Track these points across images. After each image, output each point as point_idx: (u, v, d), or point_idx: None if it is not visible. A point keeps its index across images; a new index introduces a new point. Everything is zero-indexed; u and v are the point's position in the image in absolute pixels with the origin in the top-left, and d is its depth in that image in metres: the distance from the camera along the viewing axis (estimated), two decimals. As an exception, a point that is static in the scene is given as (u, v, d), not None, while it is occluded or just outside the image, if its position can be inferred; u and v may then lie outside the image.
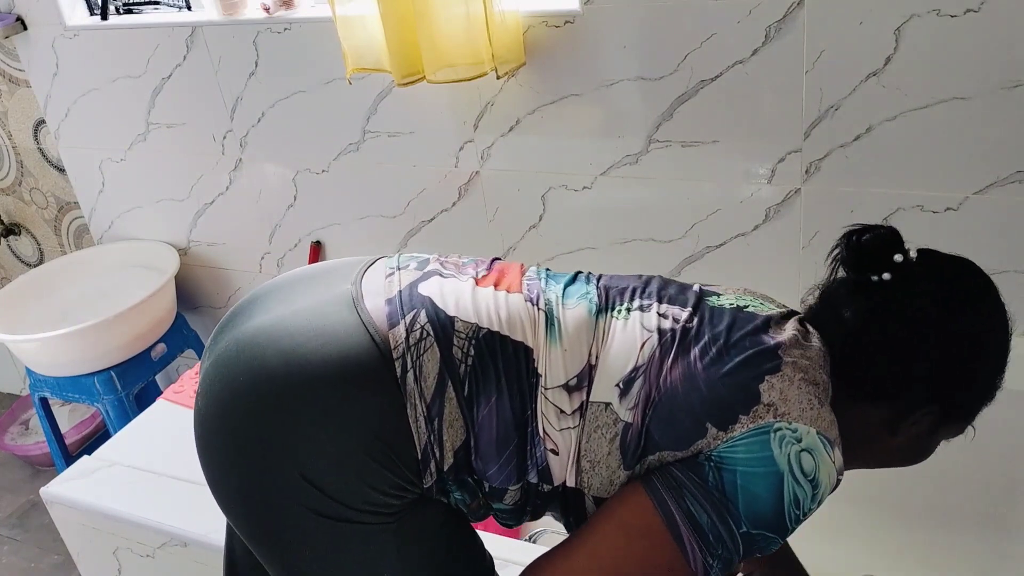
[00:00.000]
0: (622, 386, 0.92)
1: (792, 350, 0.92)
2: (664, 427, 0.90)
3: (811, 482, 0.86)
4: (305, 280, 1.02)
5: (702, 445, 0.88)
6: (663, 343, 0.93)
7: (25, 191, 2.57)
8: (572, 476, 0.93)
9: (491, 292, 0.98)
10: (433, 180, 1.97)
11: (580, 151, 1.78)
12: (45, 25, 2.18)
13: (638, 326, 0.96)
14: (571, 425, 0.92)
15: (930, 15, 1.40)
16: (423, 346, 0.92)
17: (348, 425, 0.89)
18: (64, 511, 1.65)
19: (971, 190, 1.51)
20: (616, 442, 0.91)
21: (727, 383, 0.89)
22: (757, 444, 0.86)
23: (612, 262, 1.87)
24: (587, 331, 0.95)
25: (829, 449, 0.87)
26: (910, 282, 0.93)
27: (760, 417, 0.87)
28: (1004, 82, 1.41)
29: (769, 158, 1.63)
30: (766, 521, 0.86)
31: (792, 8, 1.48)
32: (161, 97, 2.15)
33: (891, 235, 0.94)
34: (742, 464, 0.85)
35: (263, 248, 2.30)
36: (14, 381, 2.97)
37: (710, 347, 0.92)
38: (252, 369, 0.91)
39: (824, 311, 1.00)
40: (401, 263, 1.03)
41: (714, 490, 0.86)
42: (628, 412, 0.91)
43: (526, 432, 0.92)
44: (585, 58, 1.68)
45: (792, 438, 0.86)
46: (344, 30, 1.71)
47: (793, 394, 0.88)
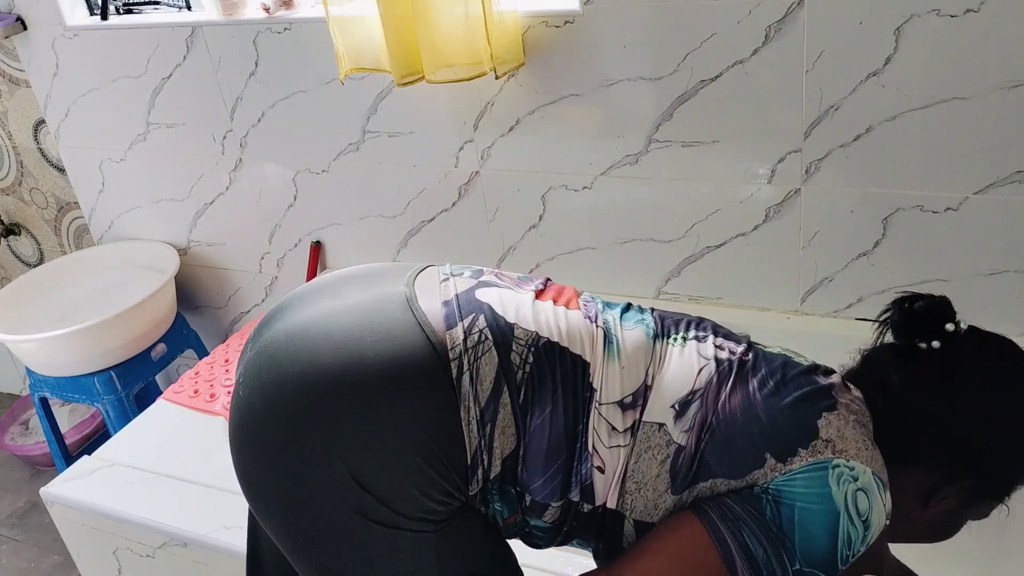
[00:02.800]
0: (678, 408, 0.92)
1: (844, 393, 0.93)
2: (721, 453, 0.89)
3: (864, 523, 0.86)
4: (353, 280, 1.00)
5: (758, 476, 0.87)
6: (720, 371, 0.94)
7: (25, 191, 2.57)
8: (615, 497, 0.92)
9: (551, 306, 0.97)
10: (433, 180, 1.97)
11: (580, 151, 1.78)
12: (45, 25, 2.18)
13: (695, 354, 0.96)
14: (621, 443, 0.91)
15: (930, 15, 1.40)
16: (481, 349, 0.90)
17: (401, 425, 0.87)
18: (64, 511, 1.65)
19: (971, 190, 1.51)
20: (667, 464, 0.90)
21: (787, 415, 0.89)
22: (816, 479, 0.85)
23: (612, 262, 1.87)
24: (645, 352, 0.95)
25: (882, 491, 0.88)
26: (957, 352, 0.93)
27: (819, 452, 0.87)
28: (1004, 82, 1.41)
29: (769, 158, 1.63)
30: (819, 559, 0.85)
31: (792, 8, 1.48)
32: (161, 97, 2.15)
33: (943, 304, 0.95)
34: (800, 499, 0.85)
35: (263, 248, 2.30)
36: (14, 381, 2.97)
37: (768, 380, 0.93)
38: (303, 361, 0.88)
39: (867, 372, 1.00)
40: (454, 271, 1.02)
41: (772, 525, 0.85)
42: (682, 435, 0.90)
43: (575, 447, 0.91)
44: (585, 58, 1.68)
45: (849, 476, 0.86)
46: (341, 30, 1.71)
47: (849, 432, 0.88)
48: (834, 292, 1.71)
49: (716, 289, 1.82)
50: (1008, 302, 1.59)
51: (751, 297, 1.79)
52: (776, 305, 1.78)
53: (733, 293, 1.81)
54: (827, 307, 1.73)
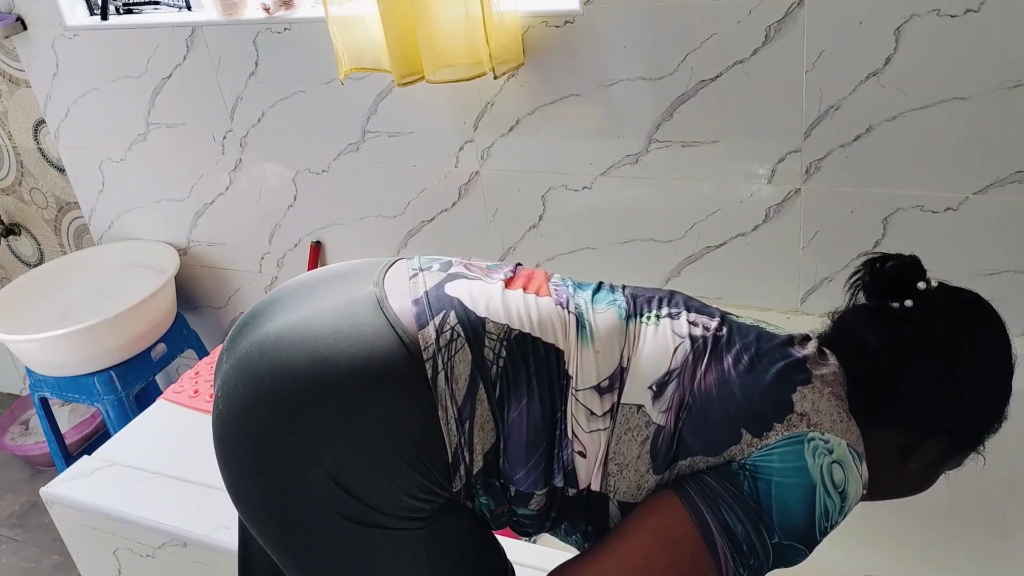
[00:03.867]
0: (655, 388, 0.92)
1: (819, 364, 0.94)
2: (698, 431, 0.90)
3: (840, 494, 0.87)
4: (324, 282, 1.00)
5: (735, 452, 0.88)
6: (696, 348, 0.94)
7: (25, 191, 2.57)
8: (598, 480, 0.92)
9: (520, 295, 0.97)
10: (433, 180, 1.97)
11: (580, 151, 1.78)
12: (45, 25, 2.18)
13: (669, 332, 0.96)
14: (601, 427, 0.91)
15: (930, 15, 1.40)
16: (455, 347, 0.90)
17: (379, 428, 0.87)
18: (64, 511, 1.65)
19: (971, 190, 1.51)
20: (647, 445, 0.91)
21: (762, 390, 0.90)
22: (792, 453, 0.86)
23: (612, 262, 1.87)
24: (618, 334, 0.95)
25: (857, 462, 0.88)
26: (930, 311, 0.94)
27: (794, 426, 0.87)
28: (1004, 82, 1.41)
29: (769, 158, 1.63)
30: (798, 532, 0.86)
31: (792, 8, 1.48)
32: (161, 97, 2.15)
33: (914, 263, 0.95)
34: (777, 474, 0.86)
35: (263, 248, 2.30)
36: (14, 381, 2.97)
37: (742, 355, 0.93)
38: (277, 371, 0.89)
39: (840, 336, 1.00)
40: (423, 264, 1.02)
41: (749, 499, 0.86)
42: (661, 415, 0.91)
43: (554, 435, 0.91)
44: (585, 58, 1.68)
45: (824, 449, 0.87)
46: (341, 30, 1.71)
47: (824, 405, 0.89)
48: (834, 292, 1.71)
49: (716, 289, 1.82)
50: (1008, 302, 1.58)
51: (751, 297, 1.79)
52: (776, 305, 1.78)
53: (733, 293, 1.81)
54: (827, 307, 1.71)
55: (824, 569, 1.75)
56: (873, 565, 1.72)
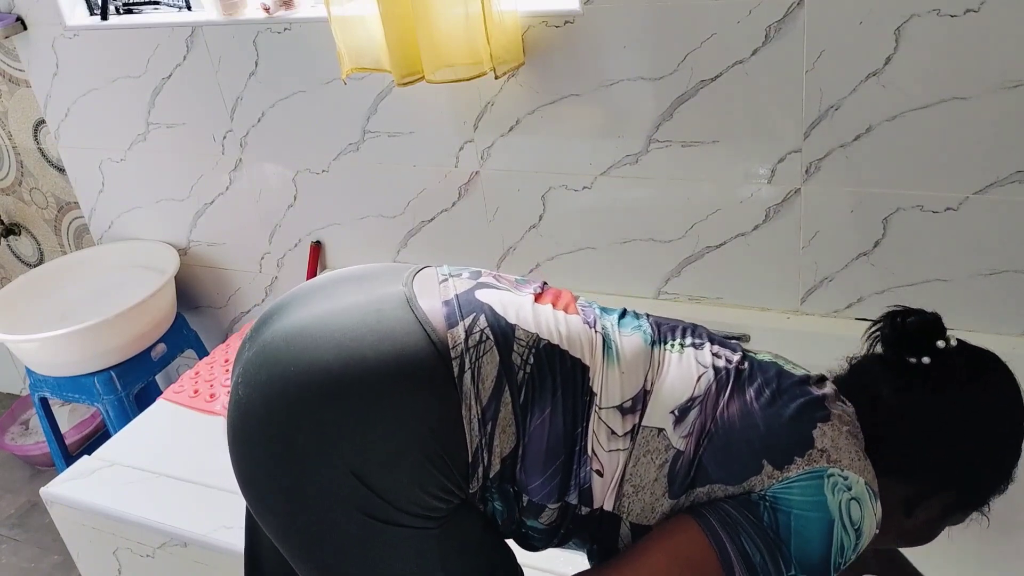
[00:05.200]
0: (677, 413, 0.93)
1: (835, 404, 0.95)
2: (719, 459, 0.90)
3: (856, 531, 0.87)
4: (350, 280, 1.00)
5: (755, 482, 0.89)
6: (719, 378, 0.95)
7: (25, 191, 2.57)
8: (612, 500, 0.92)
9: (550, 309, 0.98)
10: (433, 180, 1.97)
11: (580, 151, 1.78)
12: (45, 25, 2.18)
13: (693, 360, 0.97)
14: (621, 447, 0.92)
15: (930, 15, 1.40)
16: (483, 348, 0.91)
17: (403, 423, 0.87)
18: (64, 511, 1.65)
19: (971, 190, 1.51)
20: (665, 469, 0.91)
21: (784, 424, 0.91)
22: (812, 488, 0.87)
23: (612, 262, 1.87)
24: (643, 358, 0.96)
25: (873, 500, 0.89)
26: (947, 370, 0.95)
27: (815, 461, 0.88)
28: (1004, 82, 1.41)
29: (769, 158, 1.63)
30: (813, 565, 0.87)
31: (792, 8, 1.48)
32: (161, 97, 2.15)
33: (935, 321, 0.96)
34: (797, 507, 0.87)
35: (263, 248, 2.30)
36: (14, 381, 2.97)
37: (764, 389, 0.94)
38: (303, 360, 0.88)
39: (855, 383, 1.01)
40: (452, 272, 1.02)
41: (769, 530, 0.86)
42: (681, 440, 0.91)
43: (574, 449, 0.92)
44: (585, 58, 1.68)
45: (844, 485, 0.87)
46: (342, 30, 1.71)
47: (843, 443, 0.90)
48: (834, 292, 1.71)
49: (716, 289, 1.82)
50: (1008, 302, 1.59)
51: (751, 297, 1.79)
52: (776, 305, 1.78)
53: (733, 293, 1.81)
54: (827, 307, 1.73)
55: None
56: (873, 565, 1.71)
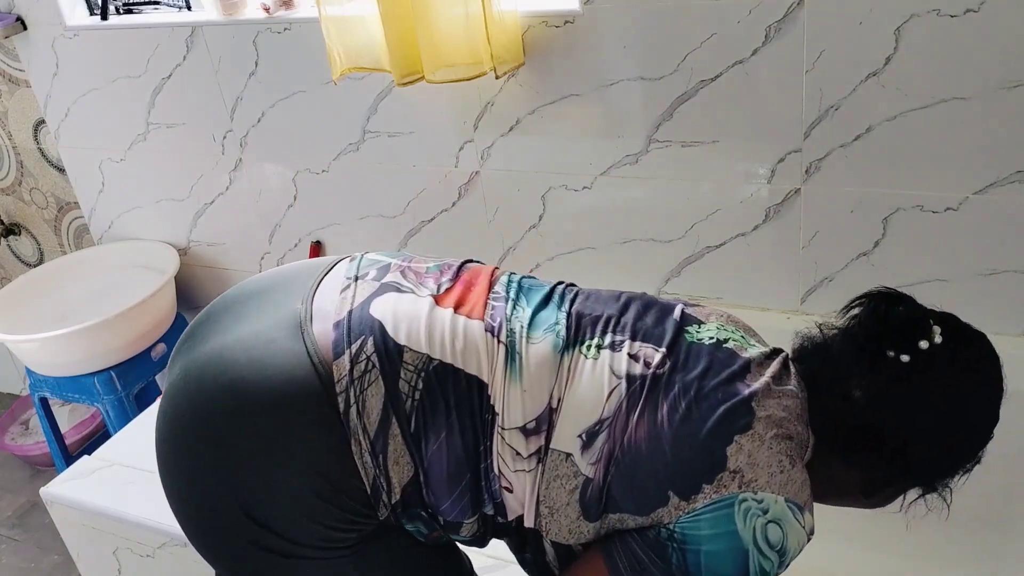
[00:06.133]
0: (585, 438, 0.89)
1: (766, 401, 0.88)
2: (626, 489, 0.87)
3: (778, 552, 0.84)
4: (257, 296, 0.98)
5: (663, 514, 0.86)
6: (631, 393, 0.89)
7: (25, 191, 2.57)
8: (531, 517, 0.91)
9: (449, 316, 0.92)
10: (433, 180, 1.97)
11: (580, 151, 1.78)
12: (45, 25, 2.18)
13: (607, 370, 0.91)
14: (526, 468, 0.89)
15: (930, 15, 1.40)
16: (367, 379, 0.88)
17: (292, 462, 0.87)
18: (64, 511, 1.65)
19: (971, 190, 1.51)
20: (576, 495, 0.88)
21: (694, 445, 0.85)
22: (721, 519, 0.83)
23: (612, 262, 1.87)
24: (550, 371, 0.90)
25: (798, 515, 0.85)
26: (928, 370, 0.87)
27: (724, 487, 0.84)
28: (1004, 82, 1.41)
29: (769, 158, 1.63)
30: None
31: (792, 8, 1.48)
32: (161, 97, 2.15)
33: (921, 319, 0.88)
34: (706, 542, 0.83)
35: (263, 248, 2.30)
36: (14, 381, 2.97)
37: (680, 401, 0.88)
38: (197, 405, 0.90)
39: (822, 364, 0.94)
40: (361, 270, 0.98)
41: (677, 573, 0.84)
42: (590, 467, 0.88)
43: (479, 467, 0.89)
44: (585, 58, 1.68)
45: (758, 510, 0.83)
46: (339, 30, 1.71)
47: (763, 457, 0.85)
48: (834, 292, 1.71)
49: (716, 289, 1.82)
50: (1008, 302, 1.59)
51: (751, 297, 1.79)
52: (776, 305, 1.78)
53: (733, 293, 1.81)
54: (827, 307, 1.73)
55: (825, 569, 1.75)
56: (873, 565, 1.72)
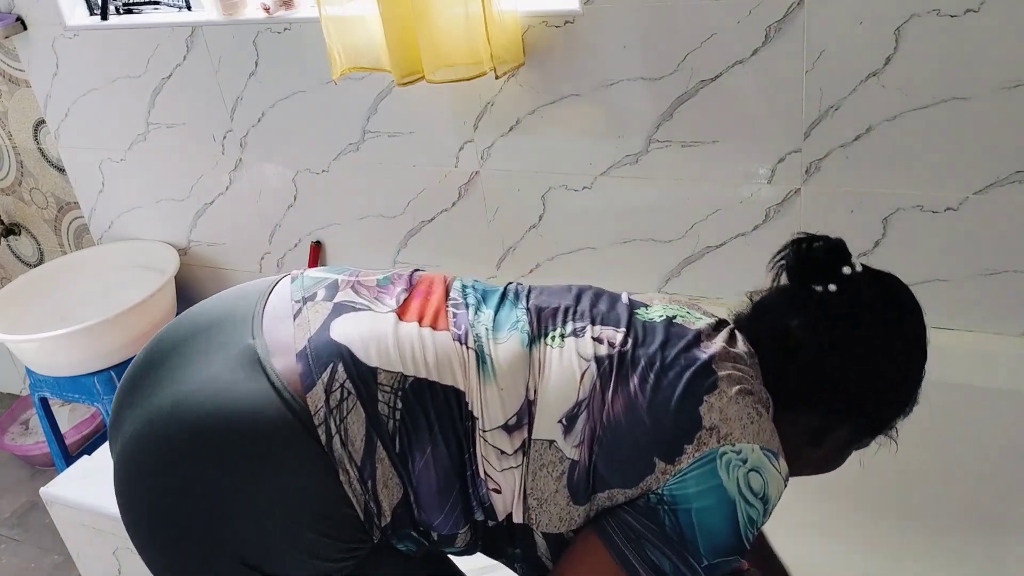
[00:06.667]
0: (565, 422, 0.89)
1: (724, 363, 0.91)
2: (612, 465, 0.88)
3: (762, 499, 0.86)
4: (201, 334, 0.94)
5: (651, 481, 0.87)
6: (602, 372, 0.91)
7: (25, 191, 2.57)
8: (519, 512, 0.91)
9: (415, 331, 0.92)
10: (433, 180, 1.97)
11: (580, 151, 1.78)
12: (45, 25, 2.18)
13: (575, 355, 0.92)
14: (513, 465, 0.89)
15: (930, 15, 1.40)
16: (346, 407, 0.86)
17: (281, 503, 0.85)
18: (64, 511, 1.65)
19: (971, 190, 1.51)
20: (563, 480, 0.89)
21: (670, 412, 0.88)
22: (706, 474, 0.85)
23: (612, 262, 1.87)
24: (522, 366, 0.91)
25: (774, 461, 0.88)
26: (854, 298, 0.92)
27: (704, 444, 0.86)
28: (1004, 82, 1.41)
29: (769, 158, 1.63)
30: (725, 548, 0.86)
31: (792, 8, 1.48)
32: (161, 97, 2.15)
33: (840, 246, 0.93)
34: (694, 499, 0.85)
35: (263, 248, 2.30)
36: (14, 381, 2.96)
37: (648, 373, 0.90)
38: (165, 463, 0.86)
39: (760, 319, 0.99)
40: (307, 290, 0.96)
41: (672, 534, 0.85)
42: (574, 450, 0.89)
43: (466, 476, 0.89)
44: (585, 58, 1.68)
45: (738, 460, 0.86)
46: (339, 30, 1.71)
47: (733, 411, 0.87)
48: (834, 292, 1.71)
49: (716, 289, 1.82)
50: (1008, 302, 1.59)
51: (751, 297, 1.79)
52: (776, 305, 1.78)
53: (733, 293, 1.80)
54: (827, 307, 1.73)
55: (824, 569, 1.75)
56: (873, 565, 1.72)
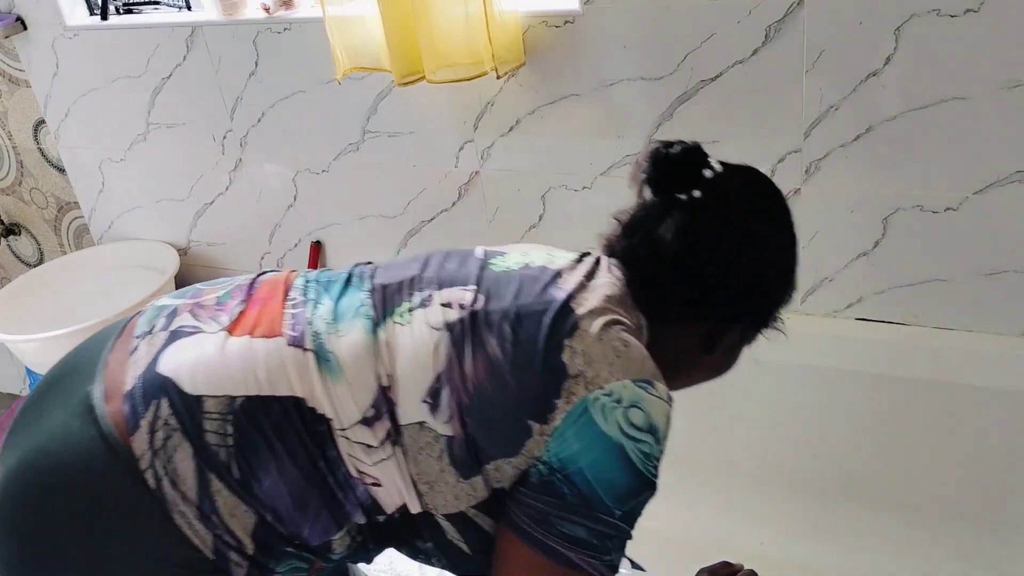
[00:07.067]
0: (430, 400, 0.84)
1: (583, 297, 0.88)
2: (487, 434, 0.84)
3: (649, 431, 0.82)
4: (53, 386, 0.92)
5: (531, 445, 0.83)
6: (455, 339, 0.86)
7: (25, 191, 2.57)
8: (414, 501, 0.87)
9: (246, 344, 0.87)
10: (433, 180, 1.97)
11: (580, 151, 1.78)
12: (45, 25, 2.18)
13: (424, 328, 0.87)
14: (384, 456, 0.85)
15: (930, 15, 1.40)
16: (171, 444, 0.82)
17: (125, 561, 0.83)
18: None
19: (971, 190, 1.51)
20: (445, 458, 0.85)
21: (532, 366, 0.83)
22: (585, 426, 0.81)
23: (612, 262, 1.87)
24: (367, 354, 0.86)
25: (651, 389, 0.84)
26: (720, 197, 0.90)
27: (573, 394, 0.82)
28: (1004, 82, 1.41)
29: (769, 158, 1.63)
30: (631, 491, 0.82)
31: (792, 8, 1.48)
32: (161, 97, 2.15)
33: (697, 149, 0.91)
34: (581, 456, 0.81)
35: (263, 248, 2.30)
36: (14, 381, 2.96)
37: (504, 328, 0.85)
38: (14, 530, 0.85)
39: (631, 239, 0.95)
40: (150, 322, 0.93)
41: (574, 501, 0.81)
42: (446, 426, 0.84)
43: (327, 483, 0.85)
44: (585, 58, 1.68)
45: (611, 402, 0.81)
46: (340, 30, 1.71)
47: (596, 351, 0.83)
48: (834, 292, 1.71)
49: (716, 289, 1.82)
50: (1008, 302, 1.59)
51: (751, 297, 1.79)
52: (776, 305, 1.78)
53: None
54: (827, 307, 1.73)
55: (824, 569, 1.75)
56: (873, 565, 1.72)
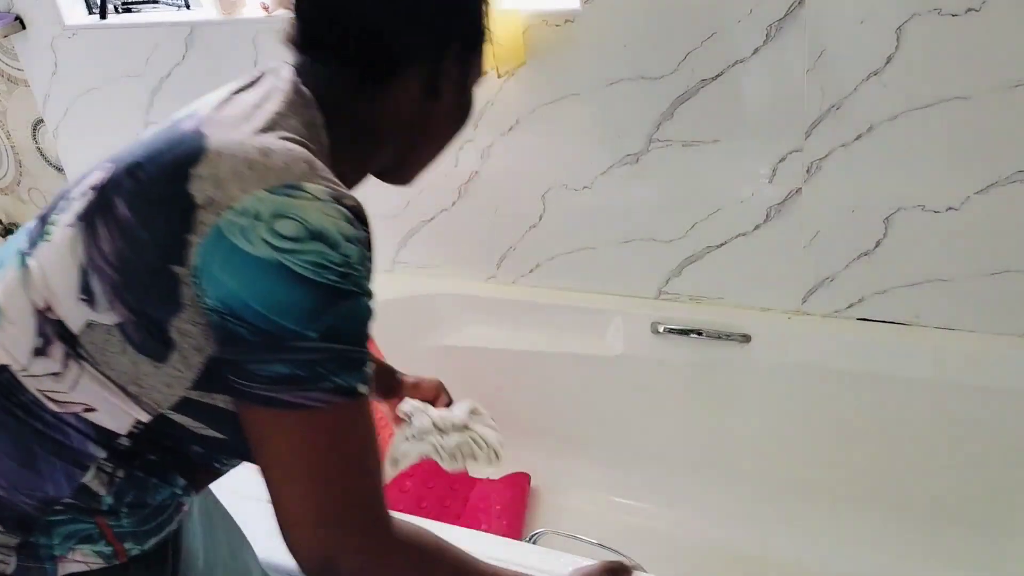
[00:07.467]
0: (85, 296, 0.76)
1: (218, 114, 0.79)
2: (146, 299, 0.75)
3: (313, 237, 0.71)
4: None
5: (186, 293, 0.73)
6: (88, 223, 0.77)
7: (24, 191, 2.57)
8: (137, 408, 0.79)
9: None
10: (433, 179, 1.96)
11: (580, 151, 1.78)
12: (44, 24, 2.18)
13: (63, 231, 0.79)
14: (77, 375, 0.78)
15: (931, 14, 1.40)
16: None
17: None
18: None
19: (973, 189, 1.51)
20: (130, 349, 0.76)
21: (158, 210, 0.74)
22: (227, 257, 0.71)
23: (612, 262, 1.87)
24: (20, 286, 0.80)
25: (296, 193, 0.72)
26: None
27: (203, 224, 0.71)
28: (1005, 81, 1.40)
29: (770, 158, 1.62)
30: (316, 307, 0.71)
31: (793, 7, 1.48)
32: (160, 97, 2.15)
33: None
34: (241, 291, 0.70)
35: (262, 248, 2.29)
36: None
37: (126, 183, 0.77)
38: None
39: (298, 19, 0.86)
40: None
41: (256, 339, 0.71)
42: (109, 313, 0.76)
43: (38, 430, 0.79)
44: (585, 57, 1.67)
45: (248, 221, 0.70)
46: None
47: (224, 170, 0.73)
48: (835, 292, 1.71)
49: (717, 289, 1.82)
50: (1009, 302, 1.58)
51: (752, 297, 1.79)
52: (777, 305, 1.78)
53: (734, 293, 1.81)
54: (828, 307, 1.73)
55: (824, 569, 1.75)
56: (873, 565, 1.71)
